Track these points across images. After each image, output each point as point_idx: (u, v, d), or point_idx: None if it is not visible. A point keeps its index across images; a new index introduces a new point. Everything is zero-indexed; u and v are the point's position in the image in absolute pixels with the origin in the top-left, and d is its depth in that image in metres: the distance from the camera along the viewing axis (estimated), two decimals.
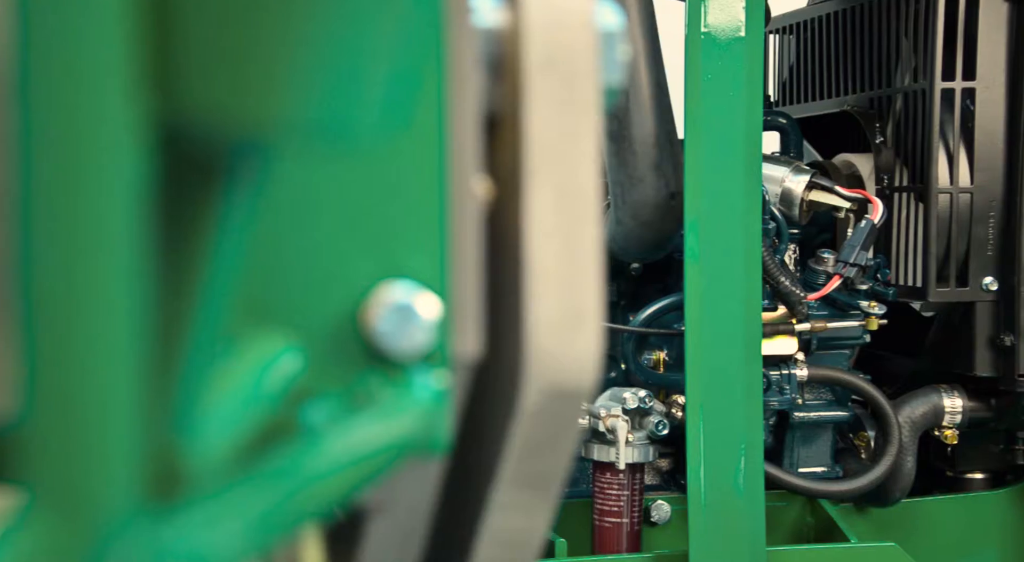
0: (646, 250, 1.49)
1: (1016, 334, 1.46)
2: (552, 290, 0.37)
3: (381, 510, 0.37)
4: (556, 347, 0.37)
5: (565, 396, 0.38)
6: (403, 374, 0.32)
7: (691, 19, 1.32)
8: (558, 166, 0.37)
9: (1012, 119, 1.45)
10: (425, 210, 0.33)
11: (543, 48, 0.37)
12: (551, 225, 0.37)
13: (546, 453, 0.40)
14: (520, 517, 0.41)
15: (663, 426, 1.44)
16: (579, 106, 0.37)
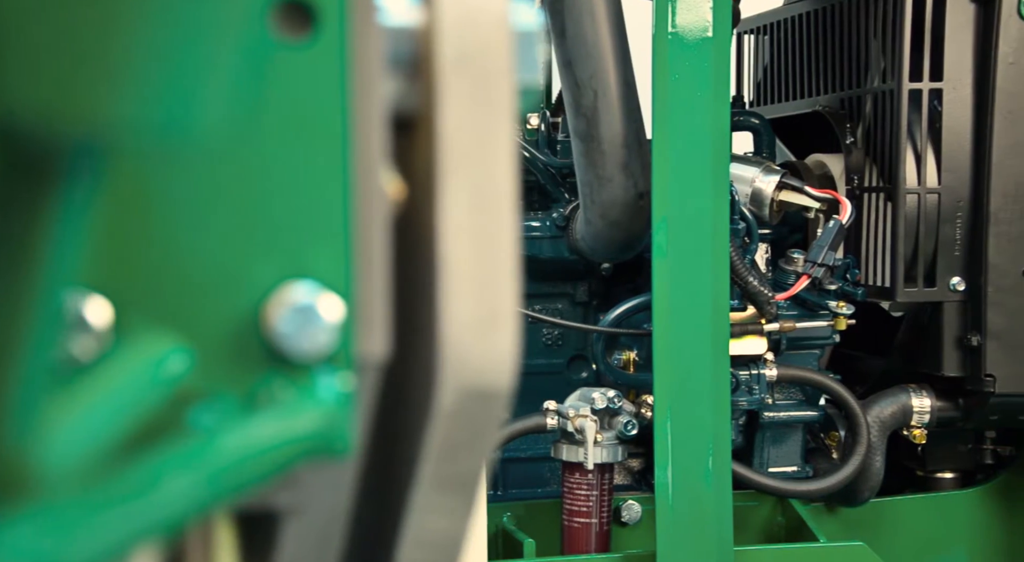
0: (615, 250, 1.49)
1: (983, 334, 1.46)
2: (467, 290, 0.37)
3: (295, 513, 0.36)
4: (472, 348, 0.37)
5: (482, 397, 0.38)
6: (305, 375, 0.32)
7: (658, 19, 1.32)
8: (473, 166, 0.37)
9: (979, 120, 1.46)
10: (329, 211, 0.32)
11: (456, 46, 0.36)
12: (466, 225, 0.37)
13: (465, 455, 0.39)
14: (441, 519, 0.41)
15: (632, 426, 1.44)
16: (494, 105, 0.37)
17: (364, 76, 0.33)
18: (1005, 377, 1.46)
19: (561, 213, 1.58)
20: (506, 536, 1.54)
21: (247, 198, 0.32)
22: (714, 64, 1.32)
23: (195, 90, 0.22)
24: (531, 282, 1.66)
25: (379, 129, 0.34)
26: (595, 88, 1.36)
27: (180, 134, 0.21)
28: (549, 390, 1.54)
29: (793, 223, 1.68)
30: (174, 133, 0.21)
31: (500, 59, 0.37)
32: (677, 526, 1.35)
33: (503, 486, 1.63)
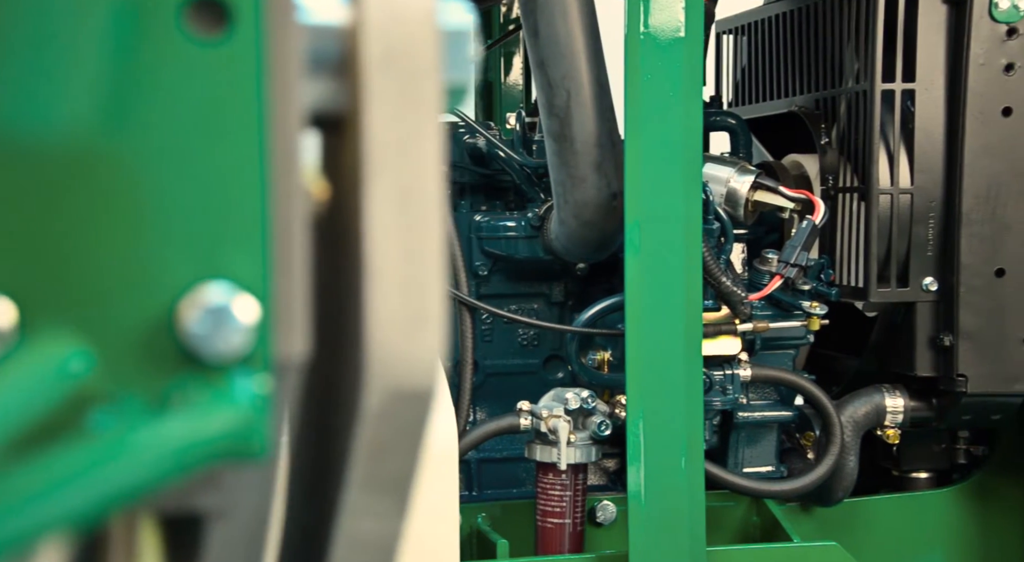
0: (589, 250, 1.49)
1: (955, 334, 1.47)
2: (393, 291, 0.37)
3: (220, 516, 0.36)
4: (397, 348, 0.37)
5: (408, 398, 0.38)
6: (220, 377, 0.31)
7: (631, 19, 1.32)
8: (399, 166, 0.37)
9: (951, 120, 1.46)
10: (246, 211, 0.32)
11: (382, 46, 0.36)
12: (392, 225, 0.37)
13: (393, 456, 0.39)
14: (374, 521, 0.41)
15: (605, 426, 1.44)
16: (420, 105, 0.37)
17: (282, 75, 0.33)
18: (977, 377, 1.47)
19: (536, 213, 1.58)
20: (480, 537, 1.53)
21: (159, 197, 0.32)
22: (686, 64, 1.32)
23: (58, 92, 0.21)
24: (507, 282, 1.65)
25: (298, 128, 0.34)
26: (568, 88, 1.36)
27: (40, 136, 0.21)
28: (525, 390, 1.54)
29: (769, 223, 1.68)
30: (33, 135, 0.21)
31: (427, 58, 0.37)
32: (650, 526, 1.35)
33: (478, 487, 1.63)
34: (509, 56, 2.18)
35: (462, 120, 1.66)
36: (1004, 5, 1.42)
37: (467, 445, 1.45)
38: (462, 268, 1.54)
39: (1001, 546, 1.65)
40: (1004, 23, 1.43)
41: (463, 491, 1.62)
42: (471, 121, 1.65)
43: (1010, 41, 1.44)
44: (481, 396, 1.66)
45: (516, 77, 2.17)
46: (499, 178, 1.69)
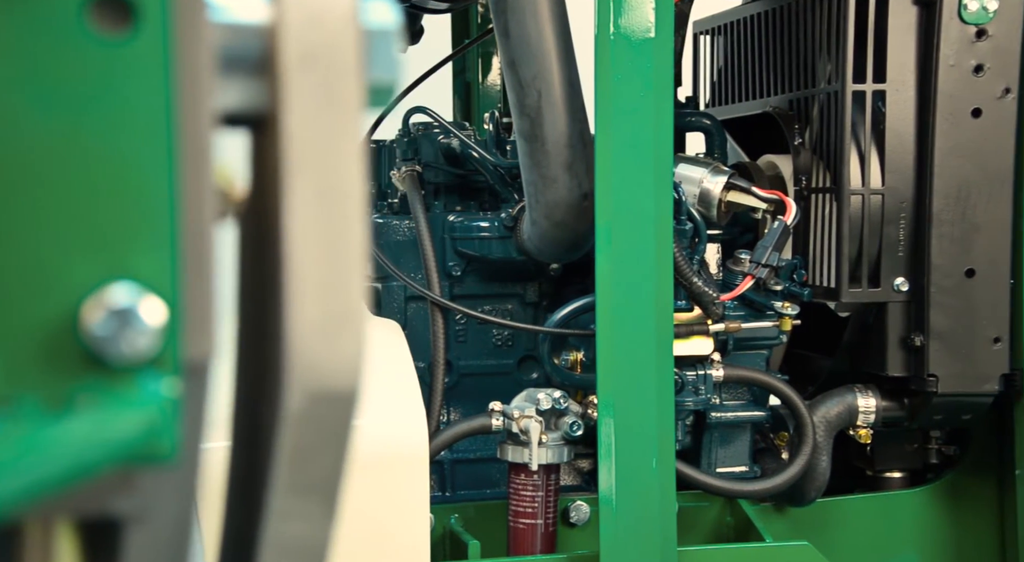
0: (561, 251, 1.49)
1: (925, 334, 1.47)
2: (313, 292, 0.36)
3: (138, 521, 0.36)
4: (318, 350, 0.37)
5: (330, 400, 0.37)
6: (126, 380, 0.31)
7: (600, 19, 1.31)
8: (319, 165, 0.36)
9: (921, 121, 1.47)
10: (153, 211, 0.32)
11: (301, 44, 0.36)
12: (312, 225, 0.36)
13: (318, 459, 0.39)
14: (301, 525, 0.40)
15: (578, 427, 1.44)
16: (341, 104, 0.36)
17: (191, 74, 0.32)
18: (947, 377, 1.47)
19: (509, 213, 1.57)
20: (453, 537, 1.53)
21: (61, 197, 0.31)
22: (656, 64, 1.32)
23: None
24: (481, 282, 1.65)
25: (209, 128, 0.33)
26: (539, 88, 1.36)
27: None
28: (500, 391, 1.54)
29: (744, 224, 1.68)
30: None
31: (348, 58, 0.36)
32: (621, 526, 1.35)
33: (452, 487, 1.62)
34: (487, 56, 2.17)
35: (435, 120, 1.65)
36: (973, 7, 1.43)
37: (438, 446, 1.45)
38: (434, 268, 1.53)
39: (974, 545, 1.66)
40: (973, 24, 1.44)
41: (436, 492, 1.61)
42: (443, 121, 1.65)
43: (979, 42, 1.44)
44: (455, 396, 1.66)
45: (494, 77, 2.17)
46: (473, 178, 1.69)
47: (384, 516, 1.31)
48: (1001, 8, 1.43)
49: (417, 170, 1.64)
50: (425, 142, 1.68)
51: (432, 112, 1.65)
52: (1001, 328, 1.47)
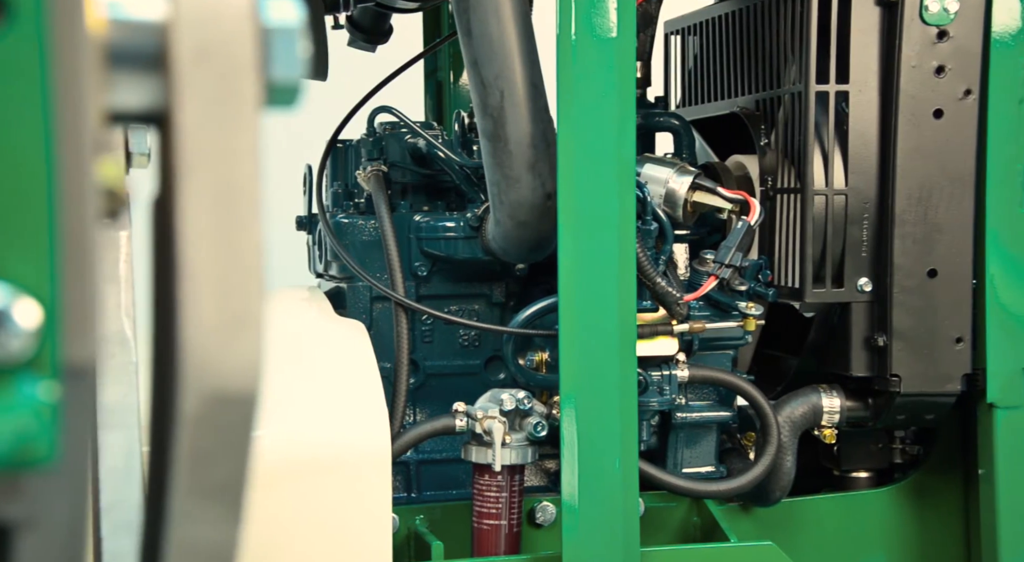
0: (525, 251, 1.48)
1: (888, 334, 1.48)
2: (208, 293, 0.36)
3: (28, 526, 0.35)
4: (215, 352, 0.36)
5: (228, 402, 0.37)
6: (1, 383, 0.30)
7: (562, 19, 1.31)
8: (215, 164, 0.36)
9: (884, 122, 1.47)
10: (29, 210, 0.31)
11: (195, 42, 0.35)
12: (207, 225, 0.36)
13: (219, 462, 0.38)
14: (206, 528, 0.40)
15: (542, 427, 1.44)
16: (237, 102, 0.36)
17: (71, 70, 0.32)
18: (910, 377, 1.48)
19: (475, 214, 1.57)
20: (418, 539, 1.53)
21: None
22: (619, 65, 1.32)
23: None
24: (447, 283, 1.65)
25: (91, 127, 0.33)
26: (501, 88, 1.36)
27: None
28: (466, 391, 1.53)
29: (713, 224, 1.68)
30: None
31: (244, 55, 0.36)
32: (584, 527, 1.35)
33: (417, 488, 1.62)
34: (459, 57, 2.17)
35: (400, 119, 1.65)
36: (934, 8, 1.43)
37: (401, 447, 1.44)
38: (398, 268, 1.53)
39: (940, 545, 1.67)
40: (934, 26, 1.44)
41: (402, 493, 1.61)
42: (409, 121, 1.64)
43: (940, 44, 1.45)
44: (422, 397, 1.65)
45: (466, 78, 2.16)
46: (441, 178, 1.68)
47: (346, 517, 1.31)
48: (962, 9, 1.44)
49: (382, 170, 1.63)
50: (392, 142, 1.67)
51: (398, 112, 1.64)
52: (963, 328, 1.48)
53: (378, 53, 1.92)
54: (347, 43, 1.90)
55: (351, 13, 1.86)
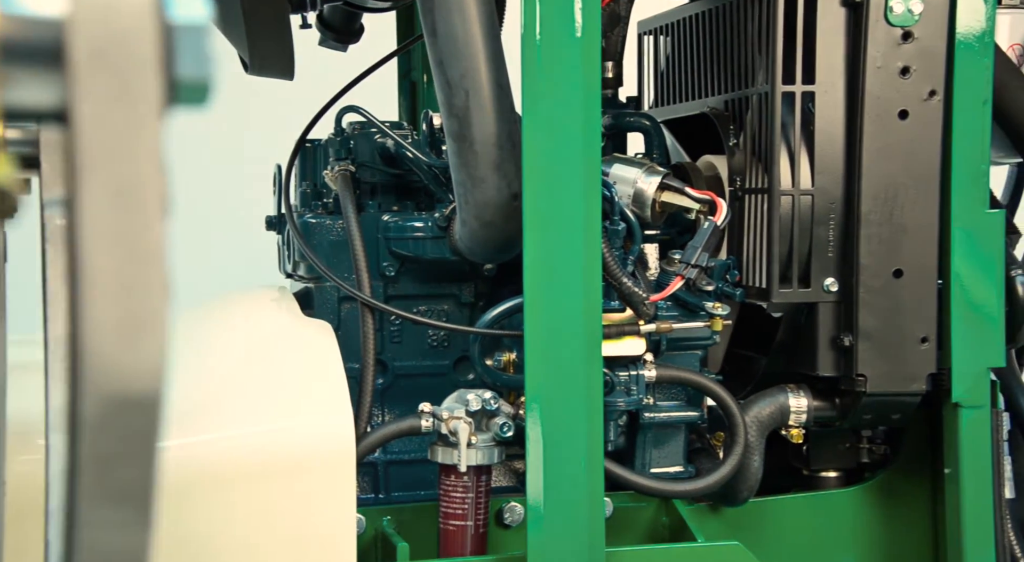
0: (492, 251, 1.48)
1: (855, 334, 1.48)
2: (108, 294, 0.35)
3: None
4: (115, 354, 0.36)
5: (129, 406, 0.36)
6: None
7: (526, 19, 1.31)
8: (114, 163, 0.35)
9: (850, 123, 1.47)
10: None
11: (93, 39, 0.35)
12: (107, 225, 0.35)
13: (123, 466, 0.38)
14: (113, 534, 0.39)
15: (508, 428, 1.43)
16: (137, 101, 0.35)
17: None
18: (876, 376, 1.48)
19: (443, 214, 1.56)
20: (385, 540, 1.52)
21: None
22: (584, 65, 1.32)
23: None
24: (416, 283, 1.64)
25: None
26: (466, 88, 1.35)
27: None
28: (436, 392, 1.53)
29: (683, 224, 1.69)
30: None
31: (144, 53, 0.35)
32: (548, 528, 1.34)
33: (386, 489, 1.61)
34: None
35: (368, 119, 1.64)
36: (899, 9, 1.44)
37: (366, 448, 1.43)
38: (364, 268, 1.52)
39: (908, 544, 1.67)
40: (899, 27, 1.45)
41: (369, 494, 1.60)
42: (376, 121, 1.64)
43: (905, 45, 1.45)
44: (391, 398, 1.65)
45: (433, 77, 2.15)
46: (410, 178, 1.68)
47: (310, 518, 1.30)
48: (926, 11, 1.45)
49: (350, 170, 1.63)
50: (362, 141, 1.67)
51: (365, 111, 1.63)
52: (928, 328, 1.49)
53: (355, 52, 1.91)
54: (318, 42, 1.89)
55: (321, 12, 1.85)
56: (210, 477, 1.25)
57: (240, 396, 1.34)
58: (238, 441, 1.28)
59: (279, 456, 1.30)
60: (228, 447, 1.27)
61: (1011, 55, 1.75)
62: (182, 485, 1.24)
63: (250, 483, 1.28)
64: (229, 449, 1.27)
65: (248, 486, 1.27)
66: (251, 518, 1.27)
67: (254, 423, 1.31)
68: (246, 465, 1.28)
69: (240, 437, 1.29)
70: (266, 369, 1.39)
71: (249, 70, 1.66)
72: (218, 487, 1.25)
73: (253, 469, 1.28)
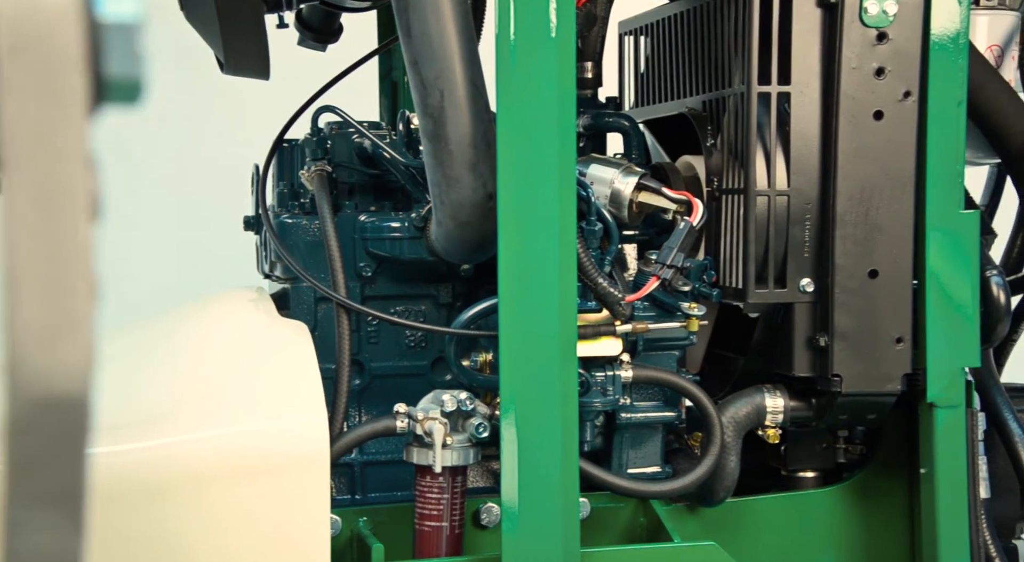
0: (468, 251, 1.48)
1: (830, 334, 1.48)
2: (34, 295, 0.35)
3: None
4: (41, 356, 0.35)
5: (55, 408, 0.36)
6: None
7: (500, 19, 1.31)
8: (37, 162, 0.35)
9: (825, 123, 1.48)
10: None
11: (13, 36, 0.34)
12: (32, 225, 0.35)
13: (52, 468, 0.37)
14: (45, 535, 0.39)
15: (484, 428, 1.43)
16: (61, 98, 0.35)
17: None
18: (851, 376, 1.49)
19: (420, 214, 1.56)
20: (361, 541, 1.52)
21: None
22: (558, 64, 1.31)
23: None
24: (393, 283, 1.64)
25: None
26: (441, 88, 1.35)
27: None
28: (413, 392, 1.53)
29: (662, 224, 1.69)
30: None
31: (68, 50, 0.35)
32: (523, 528, 1.34)
33: (362, 490, 1.61)
34: None
35: (344, 119, 1.64)
36: (873, 10, 1.44)
37: (341, 448, 1.43)
38: (339, 269, 1.52)
39: (885, 544, 1.68)
40: (874, 28, 1.45)
41: (346, 495, 1.60)
42: (353, 121, 1.63)
43: (880, 45, 1.45)
44: (368, 399, 1.64)
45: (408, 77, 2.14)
46: (388, 179, 1.67)
47: (283, 519, 1.30)
48: (901, 12, 1.45)
49: (326, 170, 1.62)
50: (339, 141, 1.66)
51: (341, 111, 1.63)
52: (903, 328, 1.49)
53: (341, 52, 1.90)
54: (297, 42, 1.88)
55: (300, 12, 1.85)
56: (182, 478, 1.25)
57: (214, 397, 1.34)
58: (210, 442, 1.28)
59: (252, 457, 1.29)
60: (200, 448, 1.27)
61: (989, 56, 1.75)
62: (154, 486, 1.23)
63: (223, 484, 1.27)
64: (201, 450, 1.27)
65: (221, 487, 1.27)
66: (224, 519, 1.27)
67: (227, 424, 1.30)
68: (219, 466, 1.27)
69: (213, 438, 1.28)
70: (241, 370, 1.38)
71: (224, 70, 1.65)
72: (190, 488, 1.24)
73: (226, 470, 1.27)
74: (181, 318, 1.54)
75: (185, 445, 1.27)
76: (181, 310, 1.57)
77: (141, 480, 1.22)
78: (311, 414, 1.33)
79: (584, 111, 1.79)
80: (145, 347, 1.48)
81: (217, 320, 1.50)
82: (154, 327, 1.54)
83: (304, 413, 1.33)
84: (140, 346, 1.50)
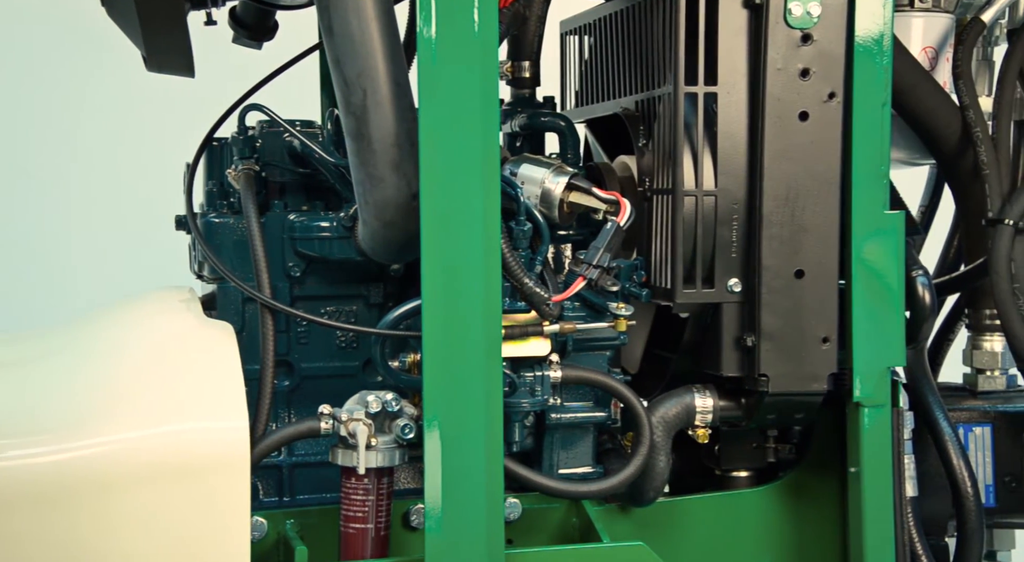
0: (394, 251, 1.47)
1: (757, 334, 1.49)
2: None
3: None
4: None
5: None
6: None
7: (423, 18, 1.30)
8: None
9: (752, 124, 1.48)
10: None
11: None
12: None
13: None
14: None
15: (410, 429, 1.42)
16: None
17: None
18: (778, 376, 1.49)
19: (348, 213, 1.55)
20: (287, 544, 1.50)
21: None
22: (481, 62, 1.30)
23: None
24: (323, 284, 1.62)
25: None
26: (364, 87, 1.34)
27: None
28: (344, 393, 1.51)
29: (596, 225, 1.68)
30: None
31: None
32: (447, 531, 1.33)
33: (291, 492, 1.59)
34: None
35: (271, 117, 1.62)
36: (797, 12, 1.45)
37: (263, 450, 1.41)
38: (264, 269, 1.50)
39: (817, 543, 1.68)
40: (798, 29, 1.46)
41: (273, 497, 1.58)
42: (280, 119, 1.61)
43: (804, 47, 1.46)
44: (298, 400, 1.63)
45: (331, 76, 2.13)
46: (319, 178, 1.66)
47: (201, 523, 1.28)
48: (824, 13, 1.45)
49: (254, 169, 1.60)
50: (270, 140, 1.64)
51: (269, 110, 1.61)
52: (829, 328, 1.49)
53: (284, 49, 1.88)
54: (231, 40, 1.86)
55: (234, 9, 1.83)
56: (94, 484, 1.23)
57: (132, 399, 1.32)
58: (125, 445, 1.26)
59: (169, 460, 1.27)
60: (114, 451, 1.25)
61: (923, 58, 1.77)
62: (65, 493, 1.21)
63: (138, 488, 1.25)
64: (115, 453, 1.25)
65: (136, 491, 1.25)
66: (138, 524, 1.25)
67: (144, 427, 1.28)
68: (134, 470, 1.25)
69: (127, 441, 1.26)
70: (162, 371, 1.36)
71: (148, 67, 1.63)
72: (103, 493, 1.22)
73: (141, 473, 1.25)
74: (103, 320, 1.51)
75: (97, 449, 1.24)
76: (104, 311, 1.55)
77: (47, 488, 1.20)
78: (231, 416, 1.31)
79: (521, 110, 1.79)
80: (67, 349, 1.46)
81: (139, 322, 1.48)
82: (75, 329, 1.51)
83: (223, 415, 1.31)
84: (62, 348, 1.48)
